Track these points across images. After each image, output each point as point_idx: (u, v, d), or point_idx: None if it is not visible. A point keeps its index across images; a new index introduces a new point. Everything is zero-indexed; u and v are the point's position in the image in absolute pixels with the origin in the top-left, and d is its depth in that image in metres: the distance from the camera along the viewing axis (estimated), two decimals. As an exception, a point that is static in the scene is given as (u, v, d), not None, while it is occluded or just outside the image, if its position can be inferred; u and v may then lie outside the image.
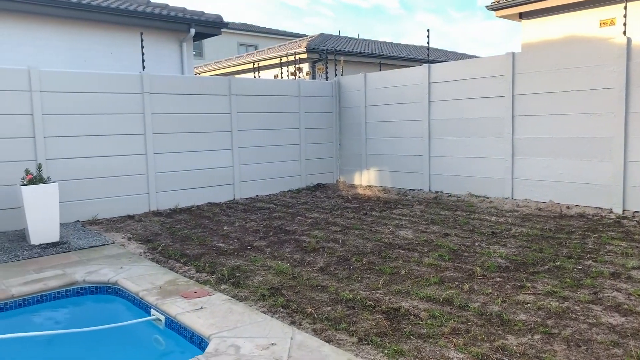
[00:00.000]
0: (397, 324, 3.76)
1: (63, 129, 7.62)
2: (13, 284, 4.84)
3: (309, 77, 14.94)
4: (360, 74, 10.92)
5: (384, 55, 18.09)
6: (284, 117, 10.40)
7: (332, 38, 19.69)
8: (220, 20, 12.60)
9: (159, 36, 11.70)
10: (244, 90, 9.73)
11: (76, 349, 4.11)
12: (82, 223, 7.68)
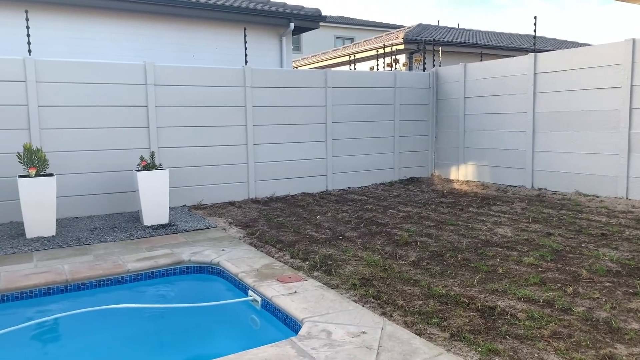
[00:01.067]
0: (492, 323, 3.63)
1: (173, 119, 8.22)
2: (129, 260, 5.35)
3: (405, 68, 14.72)
4: (459, 65, 10.56)
5: (486, 45, 17.32)
6: (378, 109, 10.36)
7: (431, 28, 19.19)
8: (319, 13, 12.80)
9: (260, 31, 12.16)
10: (340, 82, 9.83)
11: (181, 322, 4.45)
12: (188, 207, 8.26)
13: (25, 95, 7.11)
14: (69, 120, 7.43)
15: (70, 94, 7.42)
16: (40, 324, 4.33)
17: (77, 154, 7.50)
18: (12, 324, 4.21)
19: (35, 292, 4.60)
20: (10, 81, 7.04)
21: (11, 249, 5.80)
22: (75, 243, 6.07)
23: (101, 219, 7.41)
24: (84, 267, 5.10)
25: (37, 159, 6.36)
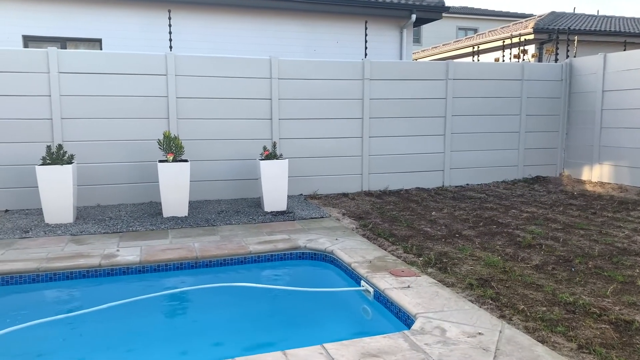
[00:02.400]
0: (628, 338, 3.28)
1: (293, 112, 8.53)
2: (251, 242, 5.69)
3: (534, 59, 13.73)
4: (597, 55, 9.59)
5: (630, 33, 15.53)
6: (502, 102, 9.80)
7: (565, 16, 17.67)
8: (442, 4, 12.43)
9: (381, 24, 12.13)
10: (462, 74, 9.46)
11: (294, 304, 4.64)
12: (304, 197, 8.55)
13: (165, 88, 7.86)
14: (201, 111, 8.06)
15: (202, 87, 8.05)
16: (172, 294, 4.80)
17: (207, 143, 8.12)
18: (149, 292, 4.71)
19: (170, 265, 5.10)
20: (154, 75, 7.81)
21: (150, 225, 6.47)
22: (204, 224, 6.60)
23: (227, 203, 7.96)
24: (211, 246, 5.53)
25: (174, 145, 7.00)
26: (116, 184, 7.78)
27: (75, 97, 7.46)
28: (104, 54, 7.81)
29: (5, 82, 7.17)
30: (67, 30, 10.18)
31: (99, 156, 7.62)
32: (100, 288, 4.81)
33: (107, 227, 6.33)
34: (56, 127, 7.38)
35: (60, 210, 6.51)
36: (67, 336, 4.04)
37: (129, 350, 3.81)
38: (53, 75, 7.31)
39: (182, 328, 4.32)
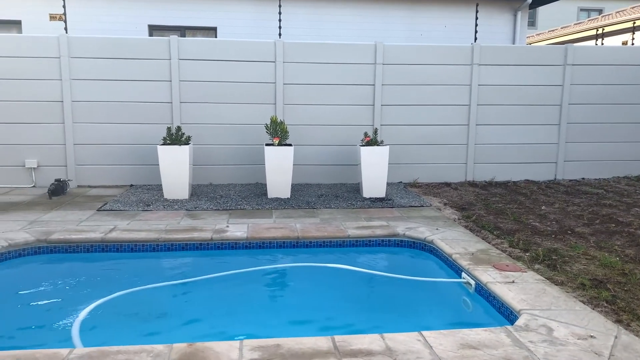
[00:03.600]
0: None
1: (396, 98, 8.44)
2: (349, 226, 5.77)
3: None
4: None
5: None
6: (630, 90, 8.88)
7: None
8: (562, -17, 11.48)
9: (493, 6, 11.51)
10: (583, 59, 8.71)
11: (391, 290, 4.65)
12: (404, 184, 8.47)
13: (274, 74, 8.16)
14: (306, 96, 8.27)
15: (308, 73, 8.23)
16: (274, 269, 5.04)
17: (310, 128, 8.32)
18: (253, 266, 5.00)
19: (273, 243, 5.35)
20: (264, 62, 8.14)
21: (256, 205, 6.82)
22: (305, 206, 6.81)
23: (327, 188, 8.13)
24: (312, 227, 5.70)
25: (280, 130, 7.27)
26: (226, 164, 8.28)
27: (193, 83, 8.02)
28: (218, 42, 8.28)
29: (133, 67, 7.89)
30: (186, 20, 10.92)
31: (212, 138, 8.15)
32: (211, 260, 5.18)
33: (218, 205, 6.78)
34: (175, 110, 8.00)
35: (177, 187, 7.08)
36: (180, 300, 4.43)
37: (231, 314, 4.08)
38: (174, 61, 7.91)
39: (281, 301, 4.54)
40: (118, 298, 4.26)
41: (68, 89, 7.77)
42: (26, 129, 7.80)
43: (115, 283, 4.63)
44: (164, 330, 3.79)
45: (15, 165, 7.87)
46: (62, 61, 7.71)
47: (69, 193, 7.46)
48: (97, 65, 7.82)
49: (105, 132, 7.96)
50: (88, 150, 7.97)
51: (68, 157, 7.91)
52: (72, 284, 4.70)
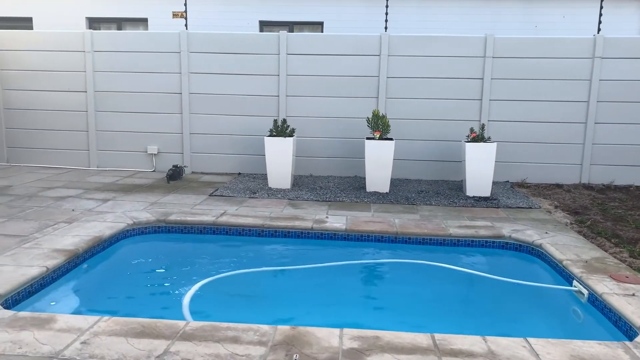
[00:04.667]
0: None
1: (506, 92, 8.04)
2: (450, 225, 5.64)
3: None
4: None
5: None
6: None
7: None
8: None
9: (620, -7, 10.51)
10: None
11: (495, 293, 4.48)
12: (511, 184, 8.07)
13: (377, 67, 8.15)
14: (409, 90, 8.16)
15: (412, 67, 8.12)
16: (373, 263, 5.08)
17: (412, 122, 8.21)
18: (351, 258, 5.08)
19: (371, 237, 5.38)
20: (368, 55, 8.16)
21: (355, 198, 6.89)
22: (404, 201, 6.75)
23: (427, 184, 7.99)
24: (411, 224, 5.65)
25: (381, 124, 7.27)
26: (327, 157, 8.45)
27: (299, 77, 8.27)
28: (324, 36, 8.45)
29: (244, 62, 8.31)
30: (295, 15, 11.24)
31: (314, 131, 8.35)
32: (311, 248, 5.35)
33: (318, 196, 6.95)
34: (282, 103, 8.31)
35: (281, 177, 7.37)
36: (281, 284, 4.63)
37: (329, 303, 4.18)
38: (282, 56, 8.20)
39: (379, 295, 4.57)
40: (225, 278, 4.57)
41: (187, 82, 8.38)
42: (149, 118, 8.55)
43: (223, 264, 4.97)
44: (264, 312, 4.00)
45: (139, 151, 8.67)
46: (182, 56, 8.33)
47: (184, 178, 8.07)
48: (212, 60, 8.35)
49: (218, 123, 8.48)
50: (202, 139, 8.55)
51: (184, 145, 8.55)
52: (184, 262, 5.11)
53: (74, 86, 8.57)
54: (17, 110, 8.77)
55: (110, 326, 2.98)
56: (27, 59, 8.63)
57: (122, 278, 4.67)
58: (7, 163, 8.87)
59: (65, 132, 8.71)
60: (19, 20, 11.26)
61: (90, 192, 6.87)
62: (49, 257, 4.15)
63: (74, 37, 8.50)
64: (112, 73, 8.50)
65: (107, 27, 11.56)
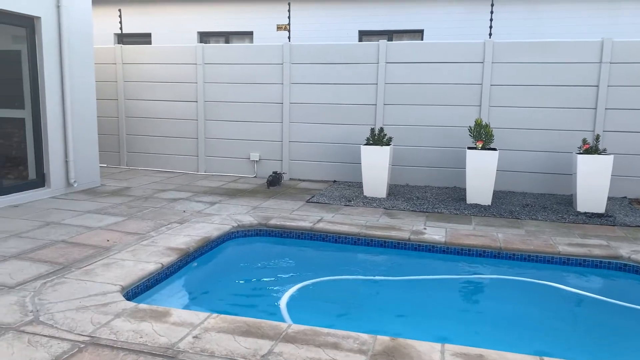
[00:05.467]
0: None
1: (625, 101, 7.38)
2: (559, 242, 5.27)
3: None
4: None
5: None
6: None
7: None
8: None
9: None
10: None
11: (608, 318, 4.12)
12: (629, 200, 7.37)
13: (480, 75, 7.87)
14: (513, 98, 7.78)
15: (518, 74, 7.73)
16: (474, 278, 4.89)
17: (517, 132, 7.81)
18: (451, 272, 4.93)
19: (472, 251, 5.18)
20: (470, 62, 7.91)
21: (454, 209, 6.68)
22: (508, 215, 6.43)
23: (532, 197, 7.54)
24: (515, 239, 5.36)
25: (484, 133, 6.99)
26: (424, 166, 8.29)
27: (396, 85, 8.23)
28: (424, 44, 8.32)
29: (343, 72, 8.43)
30: (394, 24, 11.21)
31: (410, 139, 8.25)
32: (408, 259, 5.27)
33: (415, 206, 6.84)
34: (379, 112, 8.31)
35: (377, 185, 7.35)
36: (377, 294, 4.61)
37: (424, 318, 4.08)
38: (381, 65, 8.21)
39: (480, 312, 4.38)
40: (321, 283, 4.65)
41: (287, 92, 8.68)
42: (252, 126, 8.97)
43: (318, 269, 5.06)
44: (359, 320, 3.99)
45: (242, 157, 9.12)
46: (284, 67, 8.65)
47: (283, 184, 8.34)
48: (312, 70, 8.57)
49: (315, 131, 8.68)
50: (300, 147, 8.80)
51: (284, 152, 8.85)
52: (282, 264, 5.28)
53: (186, 96, 9.23)
54: (136, 118, 9.62)
55: (218, 323, 3.15)
56: (146, 71, 9.45)
57: (226, 277, 4.92)
58: (126, 166, 9.75)
59: (177, 139, 9.40)
60: (140, 36, 12.38)
61: (198, 195, 7.34)
62: (163, 255, 4.49)
63: (187, 50, 9.17)
64: (220, 84, 9.04)
65: (216, 40, 12.33)
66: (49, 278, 3.89)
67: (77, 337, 2.95)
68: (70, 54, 7.14)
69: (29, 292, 3.62)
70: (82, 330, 3.03)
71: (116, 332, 3.01)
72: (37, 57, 6.79)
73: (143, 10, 12.35)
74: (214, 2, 11.98)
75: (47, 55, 6.84)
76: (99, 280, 3.85)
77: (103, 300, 3.47)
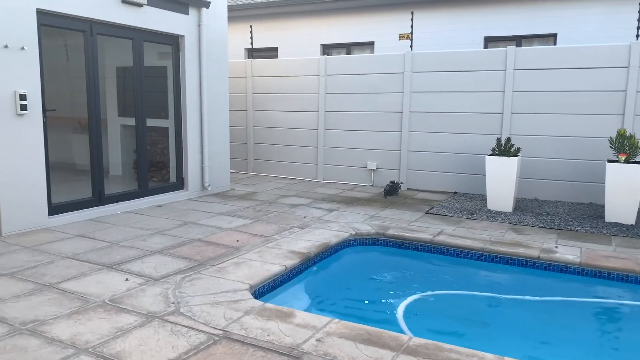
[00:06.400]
0: None
1: None
2: None
3: None
4: None
5: None
6: None
7: None
8: None
9: None
10: None
11: None
12: None
13: (624, 81, 7.12)
14: (668, 106, 6.93)
15: (674, 79, 6.87)
16: (615, 304, 4.42)
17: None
18: (586, 296, 4.51)
19: (612, 275, 4.69)
20: (611, 67, 7.20)
21: (590, 228, 6.10)
22: (656, 237, 5.72)
23: (687, 218, 6.63)
24: (667, 264, 4.75)
25: (628, 145, 6.31)
26: (555, 179, 7.70)
27: (526, 93, 7.75)
28: (558, 49, 7.74)
29: (466, 79, 8.15)
30: (523, 29, 10.59)
31: (540, 150, 7.71)
32: (536, 279, 4.92)
33: (544, 222, 6.37)
34: (505, 121, 7.89)
35: (502, 198, 6.98)
36: (501, 313, 4.36)
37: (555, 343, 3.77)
38: (509, 72, 7.80)
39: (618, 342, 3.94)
40: (440, 296, 4.53)
41: (407, 101, 8.62)
42: (370, 135, 9.03)
43: (437, 282, 4.94)
44: (482, 339, 3.81)
45: (359, 166, 9.22)
46: (405, 76, 8.60)
47: (400, 194, 8.27)
48: (433, 78, 8.41)
49: (435, 140, 8.49)
50: (419, 156, 8.67)
51: (402, 161, 8.78)
52: (399, 275, 5.22)
53: (308, 106, 9.58)
54: (262, 128, 10.19)
55: (340, 329, 3.21)
56: (272, 83, 9.98)
57: (344, 283, 5.00)
58: (252, 172, 10.37)
59: (299, 147, 9.78)
60: (268, 50, 13.13)
61: (317, 201, 7.56)
62: (287, 257, 4.69)
63: (311, 63, 9.52)
64: (340, 94, 9.24)
65: (337, 52, 12.66)
66: (187, 273, 4.27)
67: (211, 330, 3.19)
68: (207, 69, 7.81)
69: (171, 285, 4.00)
70: (216, 324, 3.27)
71: (246, 328, 3.21)
72: (180, 71, 7.52)
73: (271, 25, 13.09)
74: (338, 14, 12.31)
75: (189, 70, 7.54)
76: (230, 278, 4.13)
77: (234, 297, 3.72)
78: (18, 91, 5.34)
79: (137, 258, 4.68)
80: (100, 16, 6.17)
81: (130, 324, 3.28)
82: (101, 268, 4.38)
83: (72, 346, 2.97)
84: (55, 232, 5.55)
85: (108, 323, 3.28)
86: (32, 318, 3.34)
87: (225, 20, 8.23)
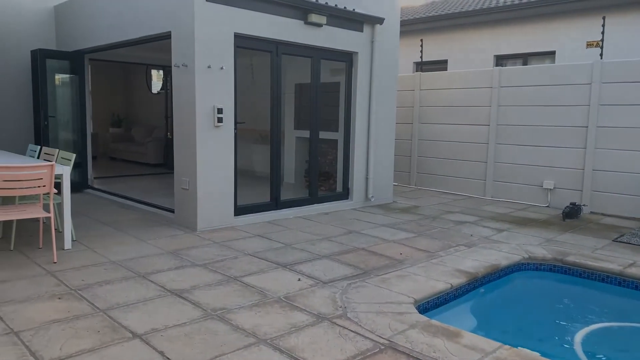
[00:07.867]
0: None
1: None
2: None
3: None
4: None
5: None
6: None
7: None
8: None
9: None
10: None
11: None
12: None
13: None
14: None
15: None
16: None
17: None
18: None
19: None
20: None
21: None
22: None
23: None
24: None
25: None
26: None
27: None
28: None
29: None
30: None
31: None
32: None
33: None
34: None
35: None
36: None
37: None
38: None
39: None
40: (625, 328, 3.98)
41: (595, 115, 7.75)
42: (548, 152, 8.32)
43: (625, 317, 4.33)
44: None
45: (533, 184, 8.54)
46: (592, 87, 7.76)
47: (582, 218, 7.46)
48: (629, 90, 7.43)
49: (628, 159, 7.48)
50: (607, 176, 7.72)
51: (585, 182, 7.91)
52: (579, 306, 4.72)
53: (478, 120, 9.21)
54: (426, 141, 10.08)
55: (511, 356, 3.02)
56: (440, 96, 9.82)
57: (514, 308, 4.69)
58: (415, 186, 10.30)
59: (465, 162, 9.45)
60: (437, 63, 12.98)
61: (485, 220, 7.21)
62: (452, 275, 4.56)
63: (483, 74, 9.15)
64: (514, 107, 8.70)
65: (512, 62, 11.95)
66: (352, 280, 4.42)
67: (377, 338, 3.25)
68: (377, 84, 8.01)
69: (338, 289, 4.18)
70: (382, 333, 3.33)
71: (411, 341, 3.20)
72: (352, 86, 7.85)
73: (440, 38, 12.93)
74: (512, 24, 11.66)
75: (359, 85, 7.83)
76: (394, 289, 4.17)
77: (398, 309, 3.74)
78: (216, 106, 6.12)
79: (308, 261, 4.99)
80: (285, 37, 6.76)
81: (302, 321, 3.51)
82: (277, 267, 4.77)
83: (253, 335, 3.28)
84: (239, 231, 6.20)
85: (283, 318, 3.56)
86: (221, 306, 3.78)
87: (397, 35, 8.37)
